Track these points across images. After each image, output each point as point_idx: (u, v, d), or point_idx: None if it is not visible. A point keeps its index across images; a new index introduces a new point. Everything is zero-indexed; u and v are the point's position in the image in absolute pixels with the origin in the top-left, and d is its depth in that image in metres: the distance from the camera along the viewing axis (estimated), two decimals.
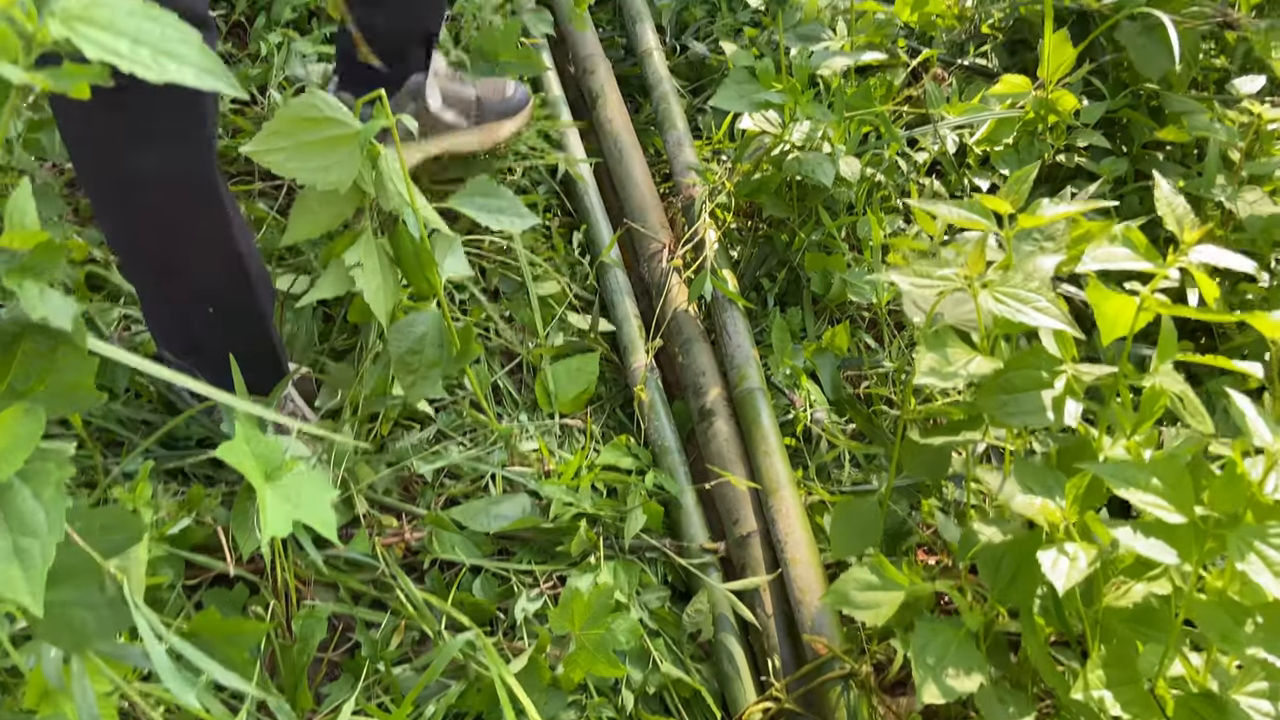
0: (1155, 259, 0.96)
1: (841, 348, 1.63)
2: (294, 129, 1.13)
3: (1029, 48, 1.97)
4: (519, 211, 1.30)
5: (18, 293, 0.65)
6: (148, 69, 0.62)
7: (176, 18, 0.65)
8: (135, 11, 0.64)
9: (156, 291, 1.25)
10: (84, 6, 0.64)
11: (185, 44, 0.64)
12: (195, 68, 0.64)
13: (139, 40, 0.63)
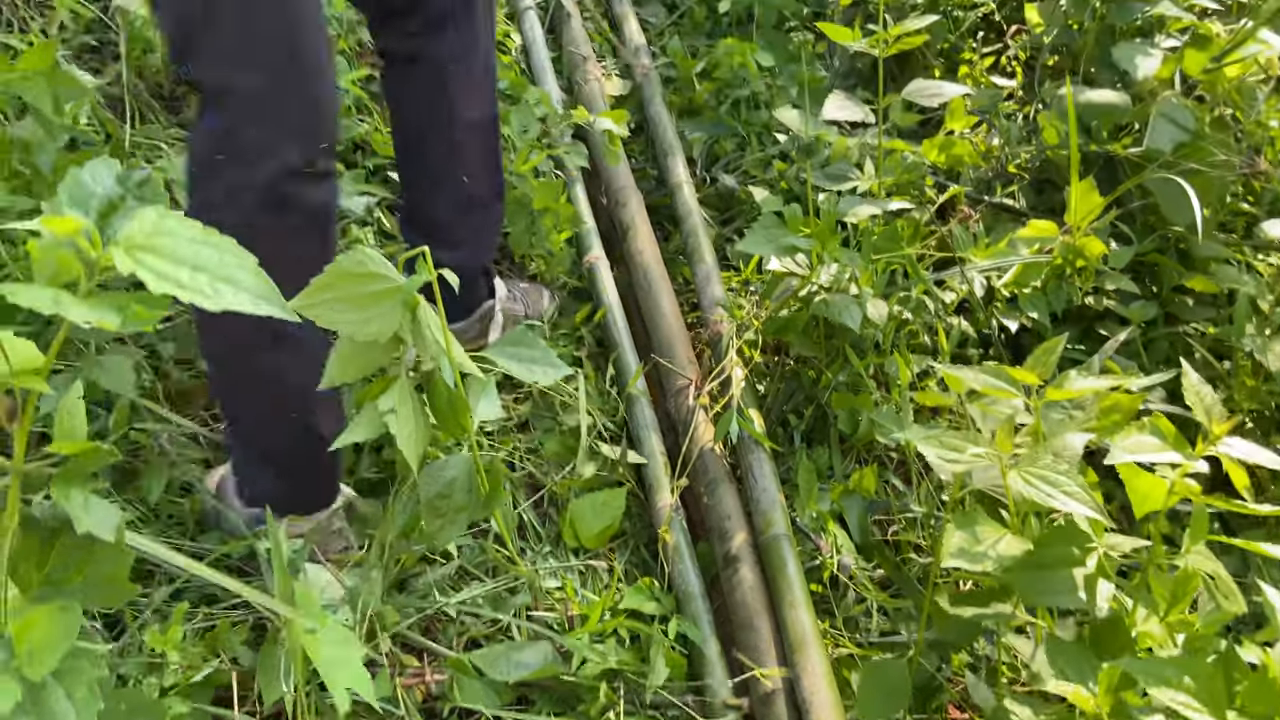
0: (1184, 449, 0.95)
1: (869, 490, 1.62)
2: (341, 283, 1.16)
3: (1056, 188, 2.00)
4: (551, 362, 1.32)
5: (62, 503, 0.67)
6: (206, 297, 0.65)
7: (234, 243, 0.68)
8: (196, 239, 0.67)
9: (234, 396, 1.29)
10: (147, 235, 0.66)
11: (243, 269, 0.67)
12: (251, 293, 0.66)
13: (199, 267, 0.66)
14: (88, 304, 0.62)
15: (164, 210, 0.68)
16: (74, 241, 0.66)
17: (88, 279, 0.67)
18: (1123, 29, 1.99)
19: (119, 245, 0.66)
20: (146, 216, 0.67)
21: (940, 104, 1.78)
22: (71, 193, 0.70)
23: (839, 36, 1.73)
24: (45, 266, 0.67)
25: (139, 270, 0.64)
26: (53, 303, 0.61)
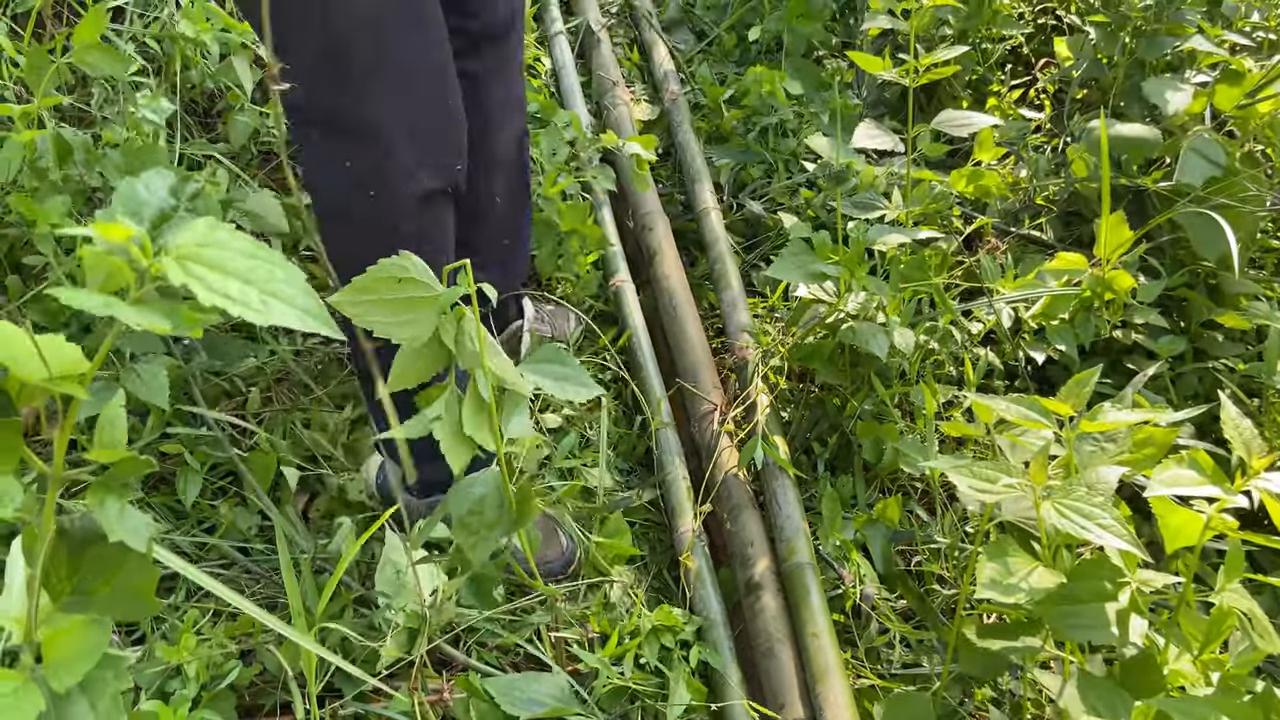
0: (1223, 483, 0.94)
1: (893, 520, 1.61)
2: (380, 286, 1.17)
3: (1084, 220, 1.99)
4: (584, 381, 1.32)
5: (97, 512, 0.67)
6: (255, 311, 0.65)
7: (283, 257, 0.68)
8: (246, 251, 0.67)
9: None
10: (198, 246, 0.66)
11: (291, 285, 0.67)
12: (299, 310, 0.66)
13: (249, 280, 0.66)
14: (138, 309, 0.62)
15: (215, 222, 0.68)
16: (126, 249, 0.66)
17: (138, 286, 0.67)
18: (1152, 64, 1.99)
19: (171, 254, 0.66)
20: (198, 227, 0.67)
21: (969, 134, 1.77)
22: (126, 201, 0.70)
23: (869, 66, 1.73)
24: (96, 272, 0.67)
25: (190, 281, 0.64)
26: (104, 305, 0.61)
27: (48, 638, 0.76)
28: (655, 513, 1.68)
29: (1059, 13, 2.32)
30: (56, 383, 0.67)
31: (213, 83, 1.96)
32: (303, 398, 1.70)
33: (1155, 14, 1.93)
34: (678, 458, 1.67)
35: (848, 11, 2.51)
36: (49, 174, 1.58)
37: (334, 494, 1.58)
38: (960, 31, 2.20)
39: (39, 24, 1.96)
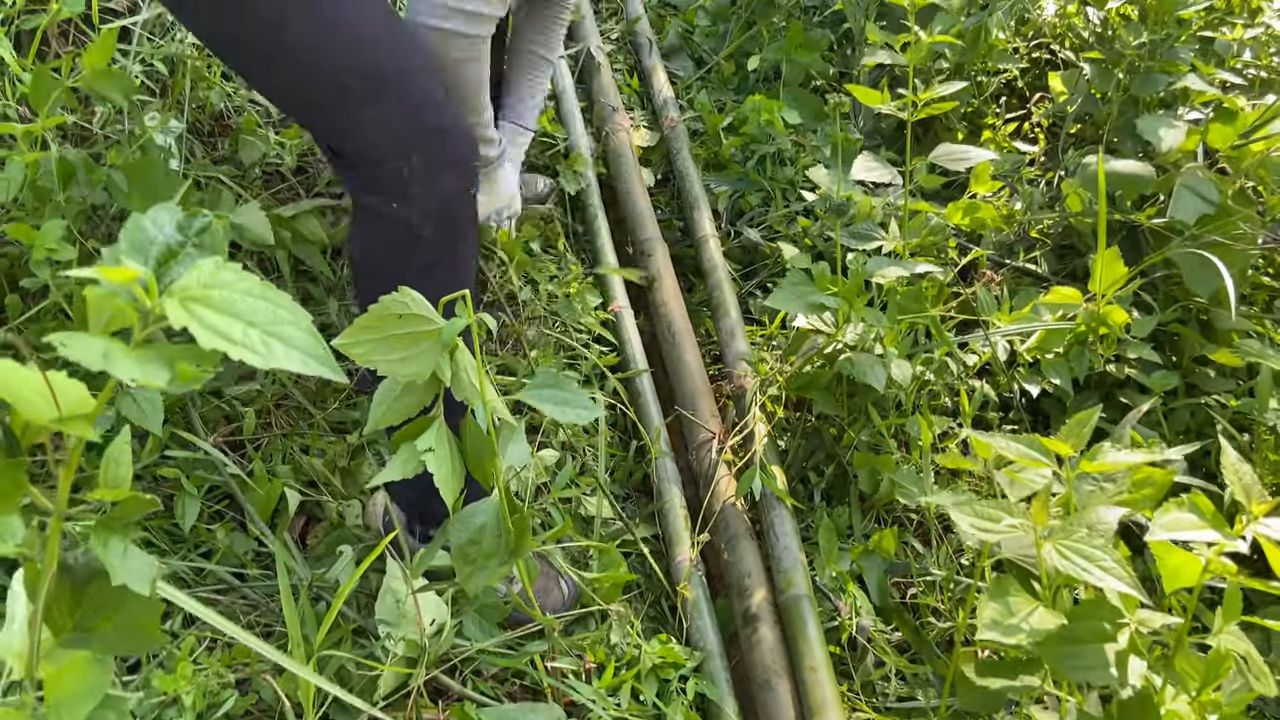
0: (1222, 528, 0.95)
1: (889, 551, 1.61)
2: (382, 324, 1.17)
3: (1078, 253, 2.01)
4: (584, 404, 1.32)
5: (100, 553, 0.67)
6: (256, 354, 0.65)
7: (289, 299, 0.68)
8: (251, 291, 0.67)
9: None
10: (203, 287, 0.66)
11: (296, 326, 0.67)
12: (302, 352, 0.66)
13: (252, 322, 0.66)
14: (137, 359, 0.62)
15: (221, 261, 0.69)
16: (130, 290, 0.66)
17: (141, 328, 0.67)
18: (1146, 100, 2.02)
19: (174, 296, 0.66)
20: (205, 268, 0.67)
21: (966, 168, 1.79)
22: (132, 239, 0.70)
23: (868, 99, 1.75)
24: (100, 313, 0.67)
25: (191, 324, 0.64)
26: (102, 357, 0.61)
27: (50, 675, 0.75)
28: (652, 540, 1.68)
29: (1053, 47, 2.35)
30: (63, 422, 0.67)
31: (222, 103, 1.97)
32: (301, 422, 1.69)
33: (1149, 52, 1.96)
34: (675, 486, 1.67)
35: (845, 42, 2.53)
36: (51, 195, 1.58)
37: (332, 520, 1.57)
38: (956, 65, 2.22)
39: (44, 41, 1.96)
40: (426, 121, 1.23)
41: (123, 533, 0.69)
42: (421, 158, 1.23)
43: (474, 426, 1.28)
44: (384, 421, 1.26)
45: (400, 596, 1.37)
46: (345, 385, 1.79)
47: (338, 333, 1.79)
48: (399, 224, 1.27)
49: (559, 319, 1.96)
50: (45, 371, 0.69)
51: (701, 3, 2.59)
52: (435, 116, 1.24)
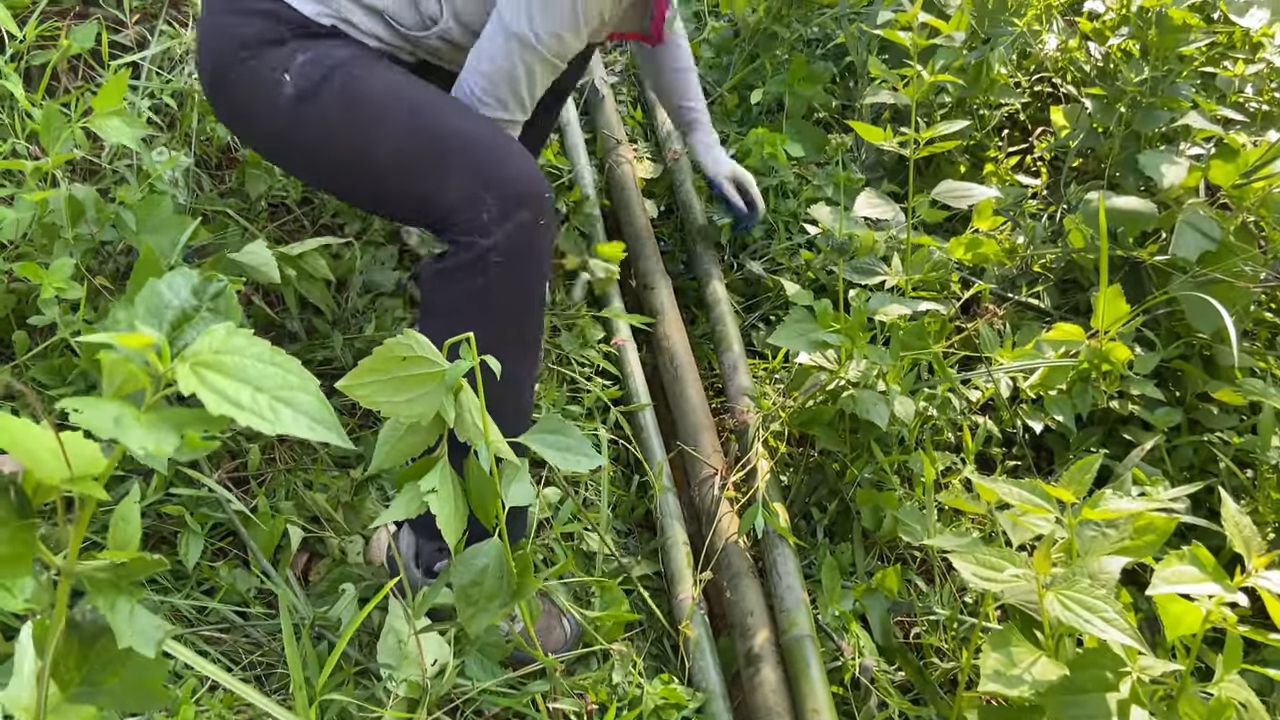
0: (1223, 580, 0.95)
1: (892, 590, 1.61)
2: (386, 365, 1.18)
3: (1080, 288, 2.01)
4: (586, 451, 1.32)
5: (107, 613, 0.67)
6: (264, 420, 0.66)
7: (299, 364, 0.69)
8: (261, 357, 0.68)
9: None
10: (214, 352, 0.67)
11: (304, 391, 0.68)
12: (309, 417, 0.67)
13: (261, 387, 0.67)
14: (148, 425, 0.63)
15: (233, 327, 0.69)
16: (145, 356, 0.67)
17: (153, 392, 0.68)
18: (1148, 135, 2.03)
19: (185, 361, 0.67)
20: (217, 333, 0.68)
21: (968, 205, 1.80)
22: (148, 303, 0.72)
23: (870, 136, 1.76)
24: (113, 378, 0.68)
25: (200, 390, 0.65)
26: (114, 425, 0.62)
27: None
28: (654, 577, 1.68)
29: (1055, 81, 2.36)
30: (74, 483, 0.67)
31: (229, 137, 1.99)
32: (305, 457, 1.70)
33: (1150, 87, 1.97)
34: (678, 523, 1.68)
35: (847, 75, 2.55)
36: (60, 232, 1.59)
37: (334, 556, 1.58)
38: (958, 99, 2.24)
39: (54, 76, 1.99)
40: (503, 177, 1.40)
41: (129, 593, 0.69)
42: (499, 199, 1.39)
43: (477, 467, 1.29)
44: (388, 461, 1.27)
45: (403, 637, 1.37)
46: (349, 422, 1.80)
47: (341, 367, 1.81)
48: (477, 252, 1.40)
49: (562, 352, 1.97)
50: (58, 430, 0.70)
51: (705, 36, 2.61)
52: (499, 167, 1.41)
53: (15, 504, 0.67)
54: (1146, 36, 1.97)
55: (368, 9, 1.50)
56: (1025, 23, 2.26)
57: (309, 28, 1.47)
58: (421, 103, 1.45)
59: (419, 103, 1.45)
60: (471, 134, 1.45)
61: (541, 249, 1.44)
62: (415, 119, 1.43)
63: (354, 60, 1.46)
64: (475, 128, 1.46)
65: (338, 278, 1.91)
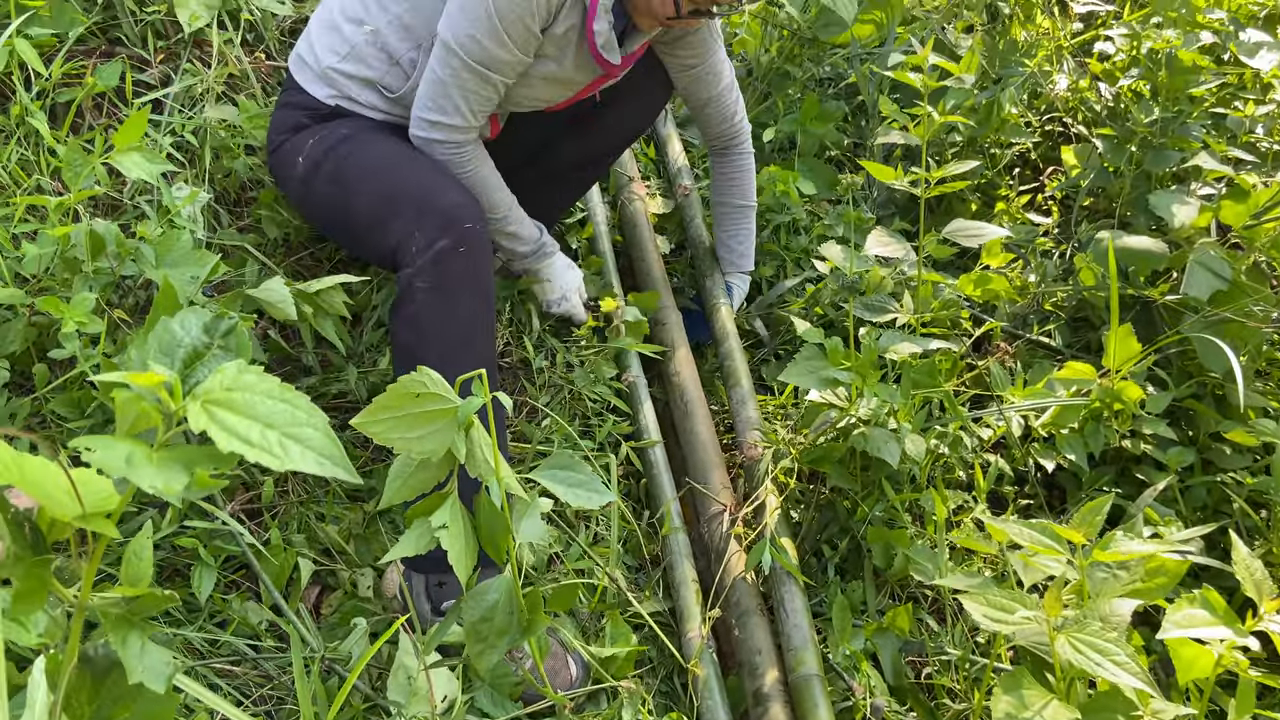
0: (1234, 624, 0.94)
1: (903, 629, 1.60)
2: (400, 402, 1.19)
3: (1092, 326, 2.01)
4: (596, 488, 1.32)
5: (118, 649, 0.68)
6: (273, 457, 0.66)
7: (308, 400, 0.70)
8: (272, 394, 0.69)
9: None
10: (225, 389, 0.69)
11: (313, 427, 0.69)
12: (318, 453, 0.68)
13: (270, 424, 0.68)
14: (159, 464, 0.64)
15: (244, 365, 0.71)
16: (156, 394, 0.68)
17: (165, 430, 0.69)
18: (1159, 175, 2.04)
19: (196, 399, 0.68)
20: (228, 371, 0.69)
21: (979, 244, 1.81)
22: (161, 342, 0.73)
23: (882, 175, 1.77)
24: (126, 415, 0.69)
25: (211, 428, 0.66)
26: (125, 464, 0.63)
27: None
28: (663, 614, 1.68)
29: (1066, 121, 2.38)
30: (87, 520, 0.68)
31: (246, 174, 2.02)
32: (317, 489, 1.71)
33: (1161, 128, 1.98)
34: (687, 560, 1.67)
35: (859, 114, 2.57)
36: (81, 266, 1.62)
37: (346, 589, 1.58)
38: (969, 138, 2.25)
39: (78, 113, 2.02)
40: (428, 210, 1.58)
41: (141, 628, 0.70)
42: (424, 231, 1.55)
43: (488, 503, 1.30)
44: (399, 497, 1.27)
45: (412, 673, 1.37)
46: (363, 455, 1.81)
47: (355, 400, 1.82)
48: (404, 282, 1.56)
49: (574, 387, 1.98)
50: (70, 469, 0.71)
51: None
52: (428, 202, 1.59)
53: (30, 540, 0.68)
54: (1157, 78, 1.98)
55: (363, 81, 1.76)
56: (1036, 64, 2.28)
57: (320, 110, 1.77)
58: (389, 165, 1.68)
59: (386, 166, 1.67)
60: (415, 181, 1.64)
61: (466, 273, 1.55)
62: (379, 181, 1.65)
63: (347, 138, 1.71)
64: (421, 176, 1.65)
65: (352, 313, 1.93)
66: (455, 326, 1.56)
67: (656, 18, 1.73)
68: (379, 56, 1.75)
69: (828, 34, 2.44)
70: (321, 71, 1.77)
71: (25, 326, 1.57)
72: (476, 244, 1.57)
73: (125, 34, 2.16)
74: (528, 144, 1.99)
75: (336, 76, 1.77)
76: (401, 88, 1.75)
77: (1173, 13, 1.98)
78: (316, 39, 1.80)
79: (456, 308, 1.56)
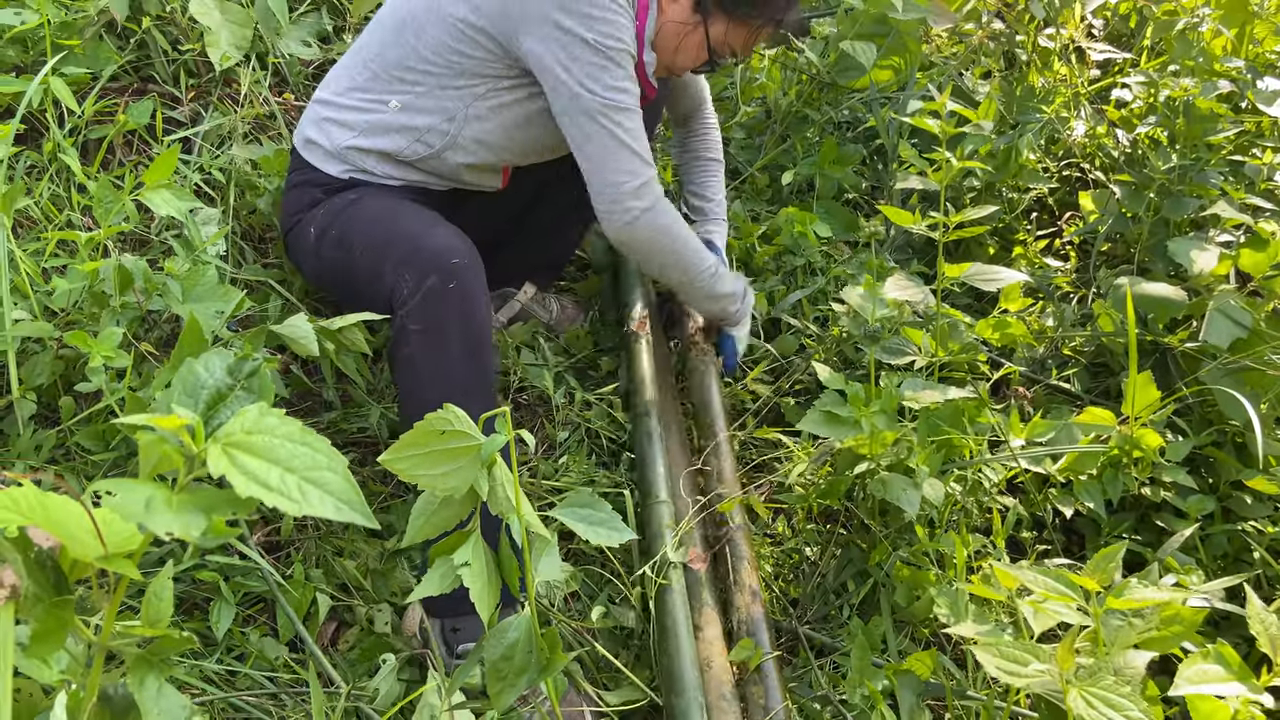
0: (1248, 680, 0.93)
1: (925, 672, 1.58)
2: (425, 440, 1.21)
3: (1111, 372, 2.01)
4: (616, 525, 1.33)
5: (135, 690, 0.69)
6: (292, 501, 0.68)
7: (329, 444, 0.72)
8: (292, 437, 0.70)
9: None
10: (245, 432, 0.70)
11: (333, 471, 0.70)
12: (336, 498, 0.69)
13: (290, 468, 0.69)
14: (177, 509, 0.65)
15: (266, 408, 0.72)
16: (179, 436, 0.70)
17: (186, 473, 0.70)
18: (1177, 222, 2.04)
19: (218, 442, 0.69)
20: (249, 414, 0.71)
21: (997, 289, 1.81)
22: (185, 383, 0.75)
23: (900, 220, 1.78)
24: (149, 459, 0.71)
25: (230, 472, 0.67)
26: (144, 509, 0.64)
27: None
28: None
29: (1084, 167, 2.39)
30: (110, 561, 0.70)
31: (271, 212, 2.06)
32: (336, 524, 1.72)
33: (1179, 175, 1.98)
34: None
35: (877, 157, 2.59)
36: (108, 300, 1.65)
37: (362, 625, 1.59)
38: (987, 183, 2.26)
39: (109, 149, 2.07)
40: (415, 252, 1.61)
41: (159, 669, 0.71)
42: (413, 273, 1.58)
43: (507, 541, 1.30)
44: (421, 535, 1.28)
45: (436, 713, 1.37)
46: (382, 490, 1.82)
47: (375, 437, 1.84)
48: (398, 325, 1.59)
49: (591, 425, 1.99)
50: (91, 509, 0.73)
51: (738, 119, 2.67)
52: (416, 246, 1.62)
53: (52, 579, 0.69)
54: (1174, 125, 1.99)
55: (380, 155, 1.79)
56: (1053, 110, 2.30)
57: (332, 185, 1.80)
58: (385, 217, 1.71)
59: (382, 218, 1.72)
60: (405, 227, 1.67)
61: (456, 311, 1.57)
62: (375, 234, 1.69)
63: (354, 202, 1.76)
64: (411, 223, 1.68)
65: (374, 350, 1.96)
66: (450, 365, 1.58)
67: (684, 68, 1.79)
68: (403, 129, 1.77)
69: (846, 79, 2.47)
70: (336, 150, 1.80)
71: (53, 360, 1.60)
72: (466, 279, 1.59)
73: (157, 72, 2.22)
74: (539, 180, 2.01)
75: (352, 154, 1.80)
76: (422, 154, 1.79)
77: (1190, 61, 2.00)
78: (327, 120, 1.82)
79: (450, 345, 1.57)
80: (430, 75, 1.75)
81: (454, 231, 1.67)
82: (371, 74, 1.79)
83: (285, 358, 1.90)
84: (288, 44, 2.34)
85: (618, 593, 1.73)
